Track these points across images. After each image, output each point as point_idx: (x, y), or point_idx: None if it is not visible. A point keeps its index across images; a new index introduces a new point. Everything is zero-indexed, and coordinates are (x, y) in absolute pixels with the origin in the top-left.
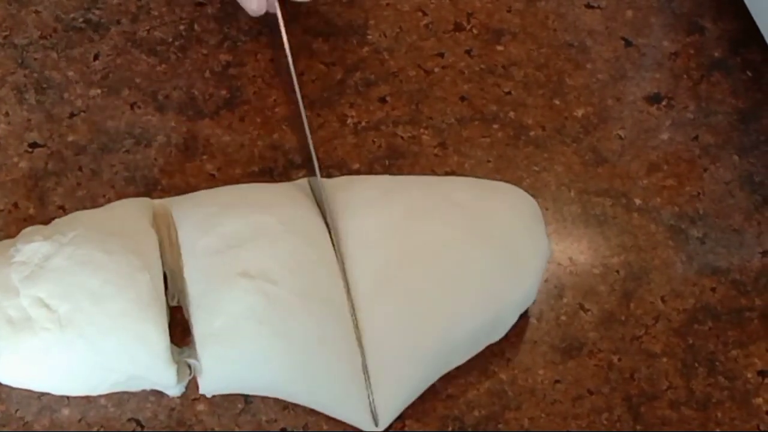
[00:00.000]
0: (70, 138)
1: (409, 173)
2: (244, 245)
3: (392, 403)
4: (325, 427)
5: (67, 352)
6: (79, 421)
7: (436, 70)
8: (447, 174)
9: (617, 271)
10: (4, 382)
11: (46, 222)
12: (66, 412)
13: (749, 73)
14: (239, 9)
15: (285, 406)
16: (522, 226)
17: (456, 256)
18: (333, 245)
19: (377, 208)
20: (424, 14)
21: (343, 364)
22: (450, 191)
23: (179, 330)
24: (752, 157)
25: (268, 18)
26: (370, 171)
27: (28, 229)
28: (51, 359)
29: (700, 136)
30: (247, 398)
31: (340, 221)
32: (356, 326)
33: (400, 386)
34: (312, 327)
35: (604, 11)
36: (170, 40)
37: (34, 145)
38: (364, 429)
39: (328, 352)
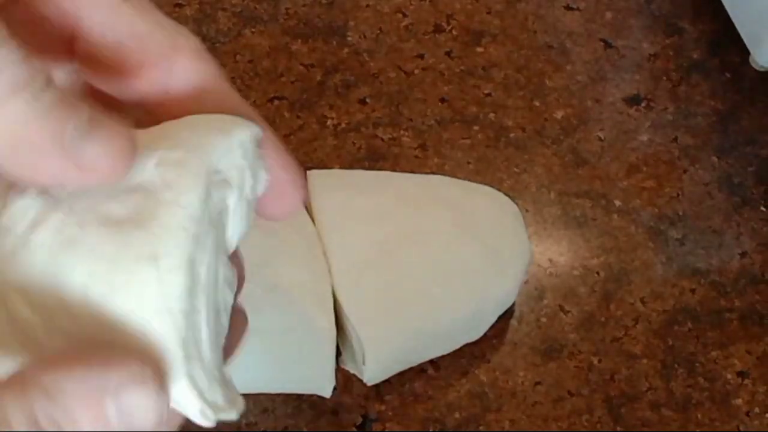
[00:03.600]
0: None
1: None
2: None
3: (375, 365)
4: (305, 429)
5: None
6: None
7: (416, 71)
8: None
9: (597, 273)
10: None
11: None
12: None
13: (728, 75)
14: (218, 10)
15: (264, 409)
16: (505, 226)
17: (441, 246)
18: (312, 232)
19: (365, 196)
20: (404, 16)
21: (311, 345)
22: (436, 187)
23: None
24: (731, 159)
25: None
26: None
27: None
28: None
29: (680, 138)
30: None
31: (327, 207)
32: (336, 302)
33: (382, 352)
34: (277, 317)
35: (584, 13)
36: None
37: None
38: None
39: (297, 338)
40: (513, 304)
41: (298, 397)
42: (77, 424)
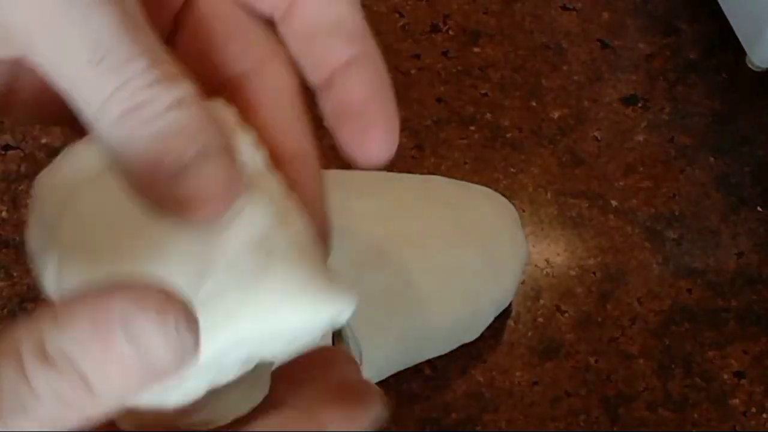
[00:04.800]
0: (44, 140)
1: None
2: None
3: (371, 365)
4: None
5: None
6: None
7: (413, 71)
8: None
9: (594, 273)
10: None
11: (19, 226)
12: None
13: (724, 75)
14: None
15: None
16: (501, 227)
17: (437, 246)
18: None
19: (362, 196)
20: (401, 16)
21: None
22: (433, 187)
23: None
24: (728, 159)
25: None
26: None
27: None
28: None
29: (676, 138)
30: None
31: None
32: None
33: (378, 352)
34: None
35: (580, 13)
36: None
37: (6, 147)
38: None
39: None
40: (510, 305)
41: None
42: (86, 355)
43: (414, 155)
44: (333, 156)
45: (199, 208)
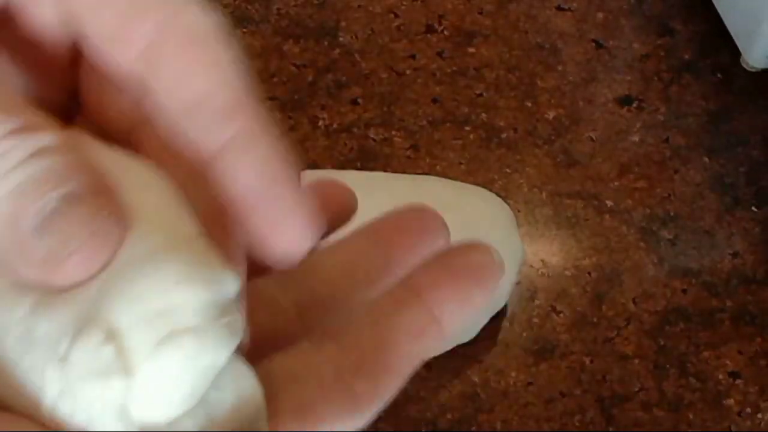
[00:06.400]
0: None
1: None
2: None
3: None
4: None
5: None
6: None
7: (408, 72)
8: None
9: (589, 273)
10: None
11: None
12: None
13: (719, 75)
14: None
15: None
16: (497, 227)
17: None
18: None
19: (357, 196)
20: (396, 16)
21: None
22: (428, 187)
23: None
24: (722, 159)
25: None
26: None
27: None
28: None
29: (671, 138)
30: None
31: None
32: None
33: None
34: None
35: (575, 13)
36: None
37: None
38: None
39: None
40: (505, 305)
41: None
42: None
43: (409, 155)
44: (328, 156)
45: (66, 264)
